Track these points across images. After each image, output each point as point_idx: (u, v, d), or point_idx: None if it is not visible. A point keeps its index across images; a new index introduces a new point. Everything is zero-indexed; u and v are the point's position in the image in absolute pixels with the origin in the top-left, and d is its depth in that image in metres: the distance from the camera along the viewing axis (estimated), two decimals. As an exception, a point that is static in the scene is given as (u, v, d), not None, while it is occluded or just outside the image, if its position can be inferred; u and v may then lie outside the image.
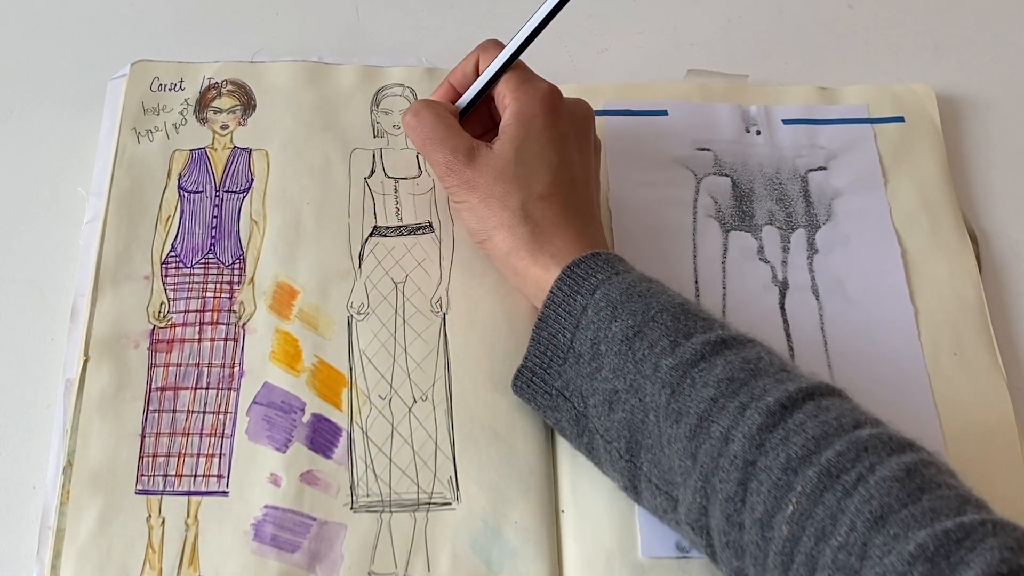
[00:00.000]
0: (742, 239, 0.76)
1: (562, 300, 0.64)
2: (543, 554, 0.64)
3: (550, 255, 0.66)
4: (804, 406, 0.56)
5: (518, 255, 0.67)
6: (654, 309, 0.62)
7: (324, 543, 0.64)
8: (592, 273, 0.64)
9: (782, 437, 0.54)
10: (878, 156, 0.80)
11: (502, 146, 0.69)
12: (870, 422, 0.55)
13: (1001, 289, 0.77)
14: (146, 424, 0.67)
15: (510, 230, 0.67)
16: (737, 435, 0.55)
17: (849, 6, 0.91)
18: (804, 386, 0.57)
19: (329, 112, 0.79)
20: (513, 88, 0.70)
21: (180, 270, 0.72)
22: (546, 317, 0.65)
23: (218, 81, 0.80)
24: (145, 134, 0.77)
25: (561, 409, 0.65)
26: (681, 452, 0.58)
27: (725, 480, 0.55)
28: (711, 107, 0.82)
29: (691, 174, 0.79)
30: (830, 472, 0.52)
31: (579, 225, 0.68)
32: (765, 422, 0.55)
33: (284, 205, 0.75)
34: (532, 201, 0.67)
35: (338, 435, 0.67)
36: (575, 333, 0.63)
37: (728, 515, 0.55)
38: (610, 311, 0.62)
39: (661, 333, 0.60)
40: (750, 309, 0.73)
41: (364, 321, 0.71)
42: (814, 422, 0.55)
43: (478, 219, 0.69)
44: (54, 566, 0.62)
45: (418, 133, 0.70)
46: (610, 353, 0.61)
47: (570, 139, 0.70)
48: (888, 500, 0.50)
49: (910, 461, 0.52)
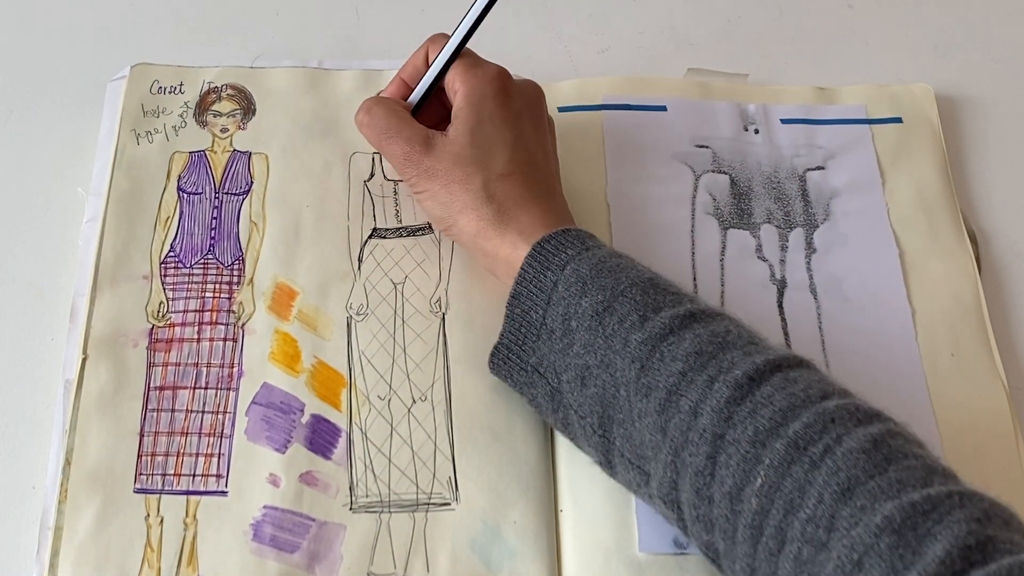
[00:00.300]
0: (740, 237, 0.76)
1: (533, 277, 0.64)
2: (542, 554, 0.64)
3: (517, 232, 0.67)
4: (772, 378, 0.56)
5: (485, 235, 0.68)
6: (623, 284, 0.62)
7: (323, 543, 0.64)
8: (562, 249, 0.64)
9: (750, 410, 0.55)
10: (876, 157, 0.80)
11: (456, 130, 0.69)
12: (837, 393, 0.56)
13: (1000, 289, 0.77)
14: (145, 423, 0.67)
15: (474, 211, 0.68)
16: (706, 408, 0.56)
17: (849, 6, 0.91)
18: (772, 358, 0.57)
19: (328, 117, 0.80)
20: (462, 73, 0.71)
21: (179, 270, 0.72)
22: (518, 294, 0.65)
23: (218, 85, 0.80)
24: (145, 136, 0.77)
25: (536, 385, 0.65)
26: (651, 426, 0.58)
27: (694, 454, 0.55)
28: (710, 104, 0.82)
29: (689, 170, 0.79)
30: (797, 444, 0.52)
31: (544, 201, 0.68)
32: (733, 395, 0.55)
33: (283, 208, 0.75)
34: (493, 181, 0.68)
35: (337, 436, 0.67)
36: (547, 309, 0.64)
37: (698, 489, 0.55)
38: (580, 286, 0.62)
39: (630, 308, 0.60)
40: (748, 307, 0.73)
41: (363, 322, 0.71)
42: (781, 394, 0.55)
43: (441, 206, 0.69)
44: (52, 564, 0.62)
45: (371, 129, 0.71)
46: (581, 329, 0.62)
47: (523, 117, 0.71)
48: (855, 472, 0.51)
49: (877, 432, 0.52)
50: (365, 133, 0.71)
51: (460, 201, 0.68)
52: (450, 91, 0.72)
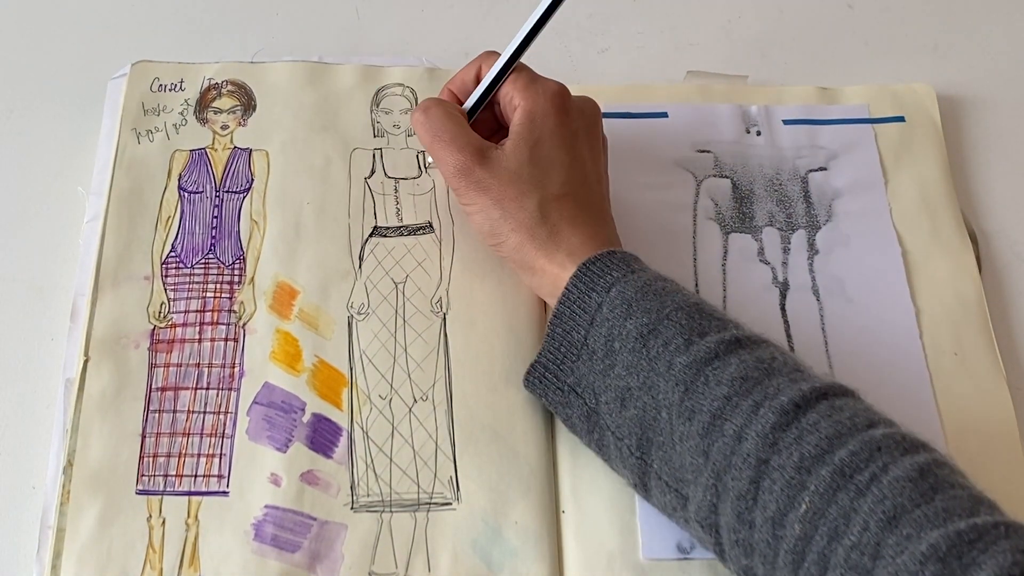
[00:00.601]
0: (742, 241, 0.76)
1: (577, 297, 0.64)
2: (544, 555, 0.64)
3: (566, 253, 0.66)
4: (818, 406, 0.56)
5: (534, 256, 0.67)
6: (669, 307, 0.61)
7: (324, 543, 0.64)
8: (608, 271, 0.64)
9: (796, 436, 0.54)
10: (879, 156, 0.80)
11: (515, 146, 0.68)
12: (883, 422, 0.56)
13: (1001, 289, 0.77)
14: (146, 424, 0.67)
15: (528, 232, 0.67)
16: (750, 433, 0.55)
17: (849, 6, 0.91)
18: (818, 386, 0.57)
19: (329, 112, 0.79)
20: (522, 88, 0.69)
21: (180, 270, 0.72)
22: (561, 313, 0.65)
23: (218, 82, 0.80)
24: (145, 134, 0.77)
25: (572, 405, 0.64)
26: (693, 449, 0.58)
27: (737, 478, 0.55)
28: (711, 108, 0.82)
29: (691, 176, 0.79)
30: (843, 471, 0.52)
31: (594, 223, 0.68)
32: (779, 421, 0.55)
33: (284, 205, 0.75)
34: (548, 201, 0.67)
35: (338, 435, 0.67)
36: (589, 330, 0.63)
37: (739, 513, 0.55)
38: (625, 308, 0.62)
39: (675, 331, 0.60)
40: (751, 311, 0.73)
41: (364, 321, 0.71)
42: (828, 422, 0.55)
43: (491, 221, 0.68)
44: (54, 566, 0.62)
45: (427, 130, 0.69)
46: (624, 350, 0.61)
47: (580, 137, 0.70)
48: (901, 500, 0.50)
49: (923, 461, 0.52)
50: (420, 132, 0.70)
51: (513, 219, 0.67)
52: (507, 105, 0.71)
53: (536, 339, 0.71)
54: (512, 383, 0.69)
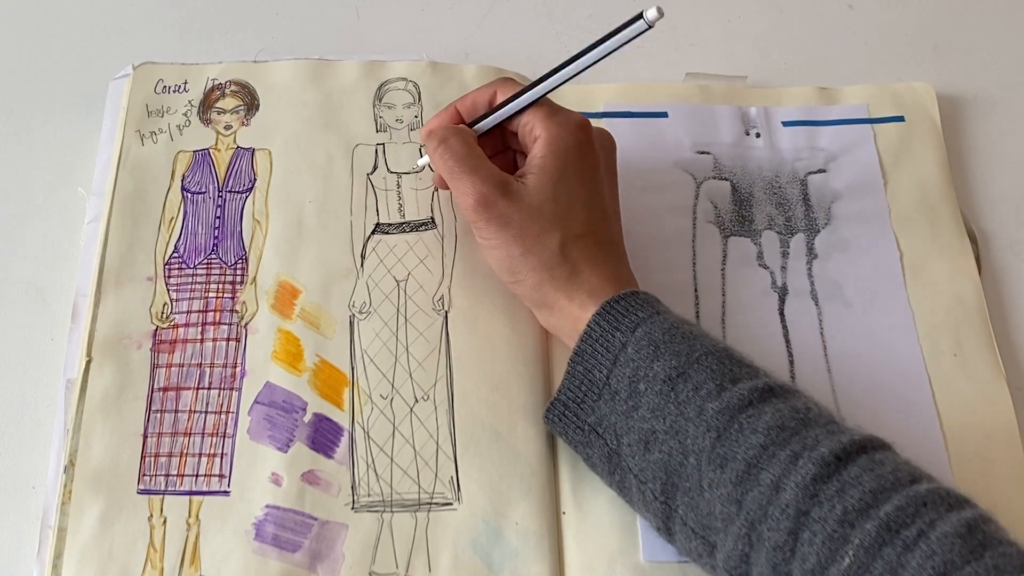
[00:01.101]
0: (741, 244, 0.76)
1: (600, 335, 0.63)
2: (544, 555, 0.64)
3: (587, 293, 0.65)
4: (859, 459, 0.55)
5: (554, 295, 0.66)
6: (698, 351, 0.60)
7: (325, 543, 0.64)
8: (633, 311, 0.63)
9: (837, 489, 0.54)
10: (878, 156, 0.80)
11: (538, 181, 0.66)
12: (926, 477, 0.55)
13: (1001, 290, 0.77)
14: (148, 424, 0.67)
15: (548, 271, 0.65)
16: (789, 484, 0.55)
17: (849, 6, 0.91)
18: (857, 439, 0.56)
19: (332, 108, 0.80)
20: (543, 118, 0.67)
21: (183, 271, 0.72)
22: (582, 351, 0.63)
23: (222, 82, 0.80)
24: (149, 136, 0.77)
25: (593, 445, 0.64)
26: (724, 498, 0.57)
27: (774, 528, 0.54)
28: (711, 109, 0.82)
29: (691, 178, 0.79)
30: (890, 526, 0.52)
31: (613, 262, 0.67)
32: (819, 472, 0.54)
33: (286, 204, 0.75)
34: (570, 241, 0.65)
35: (339, 435, 0.67)
36: (612, 369, 0.62)
37: (775, 564, 0.54)
38: (652, 350, 0.61)
39: (707, 376, 0.59)
40: (749, 315, 0.73)
41: (366, 320, 0.71)
42: (870, 475, 0.54)
43: (512, 259, 0.66)
44: (55, 565, 0.62)
45: (446, 161, 0.67)
46: (650, 392, 0.60)
47: (600, 172, 0.69)
48: (951, 556, 0.50)
49: (970, 517, 0.52)
50: (438, 162, 0.68)
51: (535, 257, 0.65)
52: (526, 134, 0.69)
53: (538, 339, 0.71)
54: (514, 383, 0.69)
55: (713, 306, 0.73)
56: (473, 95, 0.71)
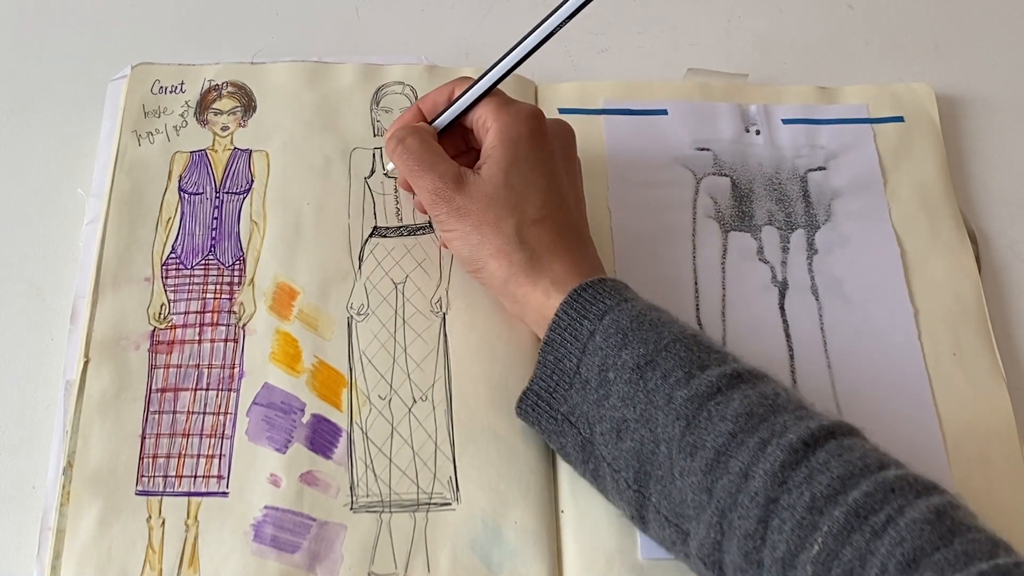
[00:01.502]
0: (742, 239, 0.76)
1: (568, 324, 0.63)
2: (543, 555, 0.64)
3: (550, 280, 0.65)
4: (827, 444, 0.55)
5: (516, 282, 0.66)
6: (666, 339, 0.61)
7: (324, 544, 0.64)
8: (599, 298, 0.63)
9: (806, 475, 0.54)
10: (877, 156, 0.80)
11: (490, 170, 0.67)
12: (894, 463, 0.55)
13: (1001, 289, 0.77)
14: (146, 425, 0.67)
15: (506, 257, 0.66)
16: (758, 471, 0.55)
17: (849, 6, 0.91)
18: (825, 424, 0.56)
19: (329, 112, 0.79)
20: (495, 110, 0.68)
21: (180, 271, 0.72)
22: (551, 341, 0.64)
23: (219, 83, 0.80)
24: (146, 136, 0.77)
25: (567, 434, 0.64)
26: (695, 486, 0.57)
27: (744, 516, 0.54)
28: (711, 106, 0.82)
29: (691, 174, 0.79)
30: (858, 512, 0.52)
31: (576, 249, 0.67)
32: (788, 459, 0.54)
33: (284, 206, 0.75)
34: (526, 226, 0.66)
35: (338, 435, 0.67)
36: (581, 358, 0.62)
37: (746, 552, 0.54)
38: (620, 338, 0.61)
39: (675, 363, 0.59)
40: (749, 310, 0.73)
41: (364, 322, 0.71)
42: (838, 461, 0.54)
43: (471, 247, 0.67)
44: (54, 566, 0.62)
45: (404, 160, 0.68)
46: (619, 381, 0.60)
47: (556, 160, 0.69)
48: (920, 543, 0.50)
49: (938, 503, 0.52)
50: (396, 162, 0.69)
51: (492, 244, 0.66)
52: (479, 128, 0.70)
53: (535, 339, 0.71)
54: (512, 383, 0.69)
55: (713, 300, 0.73)
56: (433, 94, 0.72)
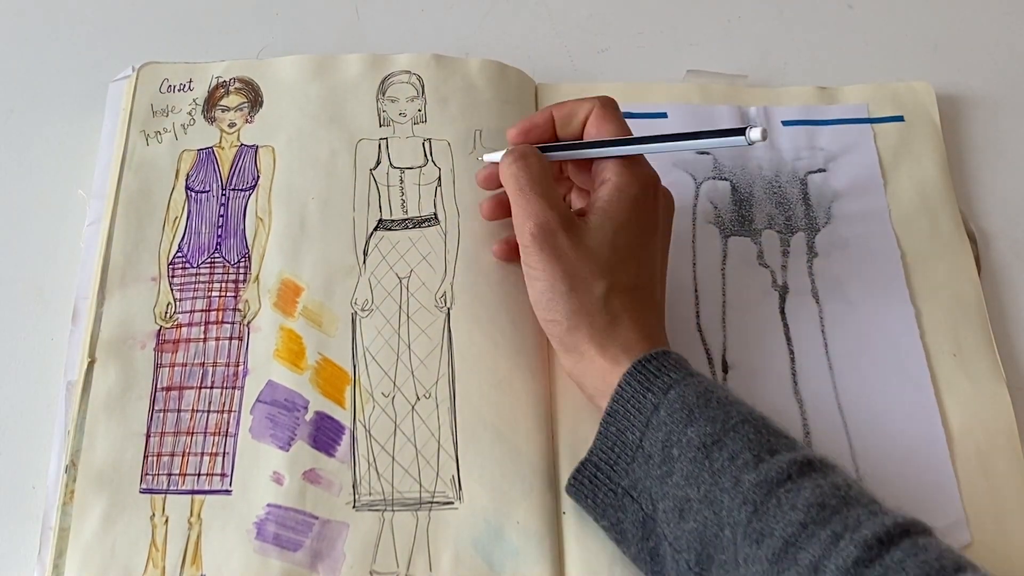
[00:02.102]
0: (741, 244, 0.76)
1: (631, 395, 0.61)
2: (545, 554, 0.64)
3: (621, 348, 0.63)
4: (902, 543, 0.53)
5: (588, 344, 0.64)
6: (734, 418, 0.59)
7: (326, 542, 0.64)
8: (665, 372, 0.61)
9: (880, 574, 0.52)
10: (878, 156, 0.80)
11: (600, 224, 0.65)
12: (970, 566, 0.53)
13: (1001, 290, 0.77)
14: (151, 424, 0.67)
15: (587, 317, 0.64)
16: (829, 566, 0.52)
17: (849, 6, 0.91)
18: (900, 521, 0.54)
19: (336, 103, 0.79)
20: (618, 163, 0.66)
21: (187, 270, 0.72)
22: (615, 411, 0.62)
23: (226, 79, 0.80)
24: (154, 136, 0.77)
25: (627, 509, 0.62)
26: (760, 575, 0.55)
27: None
28: (711, 109, 0.82)
29: (691, 178, 0.79)
30: None
31: (651, 322, 0.66)
32: (862, 556, 0.52)
33: (289, 201, 0.75)
34: (616, 292, 0.64)
35: (341, 433, 0.67)
36: (645, 432, 0.61)
37: None
38: (686, 414, 0.59)
39: (743, 445, 0.57)
40: (750, 315, 0.73)
41: (368, 318, 0.71)
42: (914, 561, 0.52)
43: (555, 295, 0.64)
44: (57, 564, 0.62)
45: (519, 181, 0.65)
46: (683, 459, 0.58)
47: (657, 230, 0.68)
48: None
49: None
50: (511, 177, 0.66)
51: (577, 300, 0.63)
52: (596, 174, 0.67)
53: (540, 337, 0.70)
54: (516, 381, 0.69)
55: (714, 306, 0.73)
56: (572, 105, 0.69)
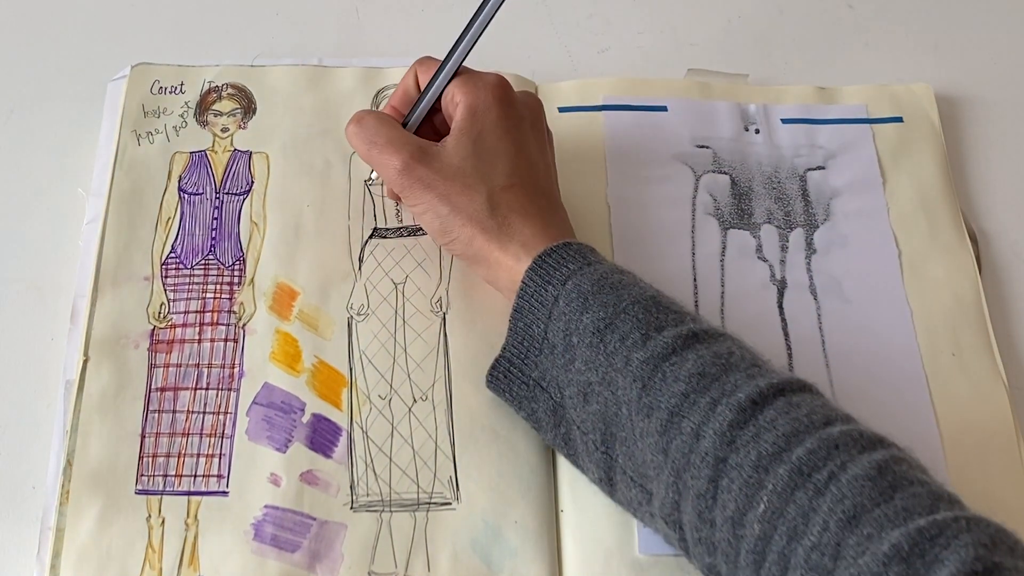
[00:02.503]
0: (741, 237, 0.76)
1: (534, 291, 0.63)
2: (543, 554, 0.64)
3: (520, 244, 0.65)
4: (775, 402, 0.55)
5: (487, 248, 0.66)
6: (625, 301, 0.61)
7: (324, 543, 0.64)
8: (563, 263, 0.63)
9: (753, 434, 0.54)
10: (877, 156, 0.80)
11: (457, 140, 0.67)
12: (840, 419, 0.55)
13: (1000, 289, 0.77)
14: (146, 424, 0.67)
15: (477, 224, 0.66)
16: (708, 431, 0.55)
17: (849, 6, 0.91)
18: (775, 381, 0.56)
19: (329, 115, 0.79)
20: (461, 85, 0.69)
21: (180, 271, 0.72)
22: (520, 307, 0.64)
23: (218, 84, 0.80)
24: (145, 136, 0.77)
25: (538, 399, 0.64)
26: (653, 446, 0.57)
27: (696, 477, 0.55)
28: (711, 104, 0.82)
29: (690, 171, 0.79)
30: (801, 470, 0.52)
31: (546, 214, 0.67)
32: (736, 418, 0.55)
33: (284, 207, 0.75)
34: (496, 192, 0.66)
35: (338, 435, 0.67)
36: (548, 324, 0.63)
37: (700, 511, 0.55)
38: (581, 302, 0.62)
39: (632, 326, 0.60)
40: (748, 308, 0.73)
41: (364, 322, 0.71)
42: (785, 419, 0.54)
43: (440, 218, 0.67)
44: (53, 566, 0.62)
45: (362, 139, 0.68)
46: (582, 345, 0.61)
47: (524, 127, 0.69)
48: (860, 499, 0.50)
49: (881, 458, 0.52)
50: (355, 144, 0.69)
51: (462, 213, 0.66)
52: (450, 105, 0.70)
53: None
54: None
55: (712, 297, 0.73)
56: (401, 85, 0.72)
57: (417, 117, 0.71)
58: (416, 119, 0.71)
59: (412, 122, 0.71)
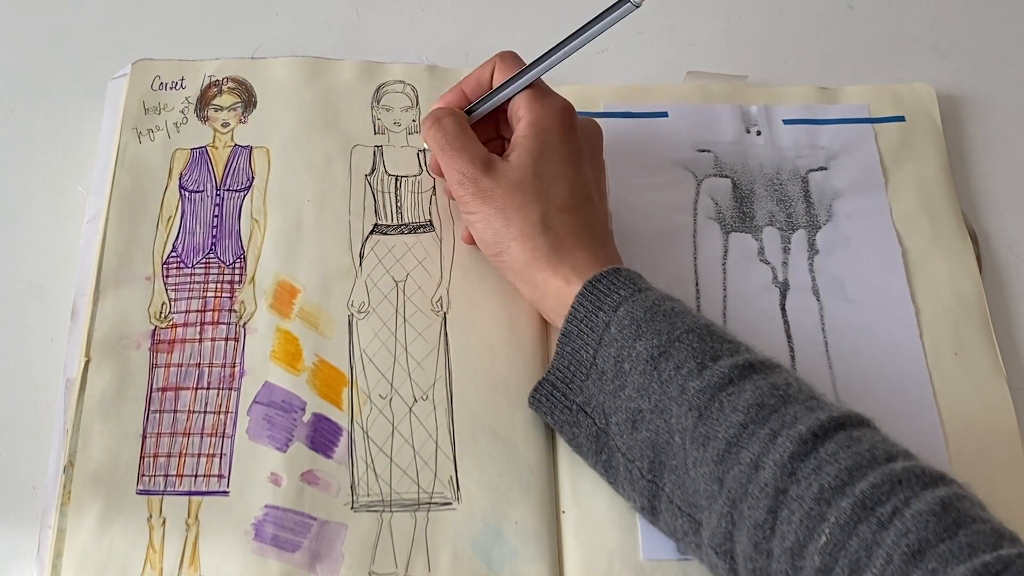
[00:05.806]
0: (743, 240, 0.76)
1: (584, 316, 0.64)
2: (544, 554, 0.64)
3: (570, 267, 0.66)
4: (836, 436, 0.55)
5: (537, 267, 0.67)
6: (679, 329, 0.61)
7: (325, 543, 0.64)
8: (614, 289, 0.64)
9: (814, 466, 0.54)
10: (879, 156, 0.80)
11: (520, 158, 0.68)
12: (902, 454, 0.55)
13: (1001, 289, 0.77)
14: (147, 424, 0.67)
15: (530, 241, 0.66)
16: (768, 462, 0.55)
17: (849, 6, 0.91)
18: (835, 415, 0.56)
19: (330, 109, 0.79)
20: (529, 100, 0.70)
21: (181, 270, 0.72)
22: (569, 332, 0.64)
23: (219, 79, 0.80)
24: (146, 133, 0.77)
25: (580, 424, 0.64)
26: (707, 476, 0.57)
27: (754, 507, 0.55)
28: (711, 108, 0.82)
29: (691, 176, 0.79)
30: (865, 504, 0.52)
31: (597, 241, 0.68)
32: (797, 450, 0.55)
33: (285, 203, 0.75)
34: (552, 213, 0.67)
35: (339, 434, 0.67)
36: (598, 350, 0.63)
37: (756, 542, 0.55)
38: (634, 329, 0.62)
39: (688, 354, 0.60)
40: (751, 310, 0.73)
41: (365, 320, 0.71)
42: (847, 452, 0.54)
43: (494, 231, 0.68)
44: (55, 566, 0.62)
45: (437, 141, 0.69)
46: (634, 372, 0.61)
47: (584, 155, 0.70)
48: (925, 534, 0.50)
49: (944, 495, 0.52)
50: (429, 142, 0.71)
51: (516, 228, 0.67)
52: (513, 116, 0.71)
53: (536, 339, 0.71)
54: (513, 383, 0.69)
55: (715, 301, 0.74)
56: (476, 73, 0.73)
57: (481, 114, 0.72)
58: (480, 115, 0.72)
59: (475, 116, 0.72)
